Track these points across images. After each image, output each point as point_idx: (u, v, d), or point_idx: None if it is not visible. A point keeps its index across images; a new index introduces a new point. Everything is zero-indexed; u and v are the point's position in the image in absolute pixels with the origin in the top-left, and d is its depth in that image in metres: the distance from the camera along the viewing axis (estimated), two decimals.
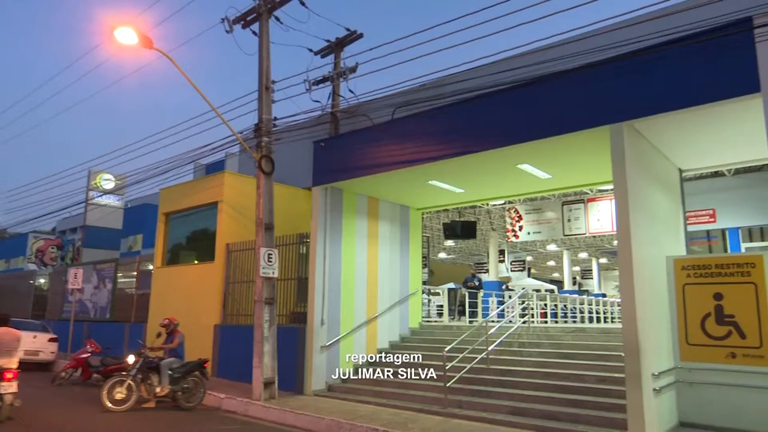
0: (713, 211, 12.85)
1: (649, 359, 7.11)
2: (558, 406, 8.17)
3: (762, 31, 6.30)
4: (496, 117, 8.85)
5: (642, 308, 7.13)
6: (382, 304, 12.31)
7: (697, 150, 8.78)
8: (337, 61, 13.02)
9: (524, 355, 10.40)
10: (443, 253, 36.10)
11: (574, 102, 7.99)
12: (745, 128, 7.46)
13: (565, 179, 10.69)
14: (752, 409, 7.31)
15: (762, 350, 7.33)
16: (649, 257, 7.69)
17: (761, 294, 7.40)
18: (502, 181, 10.90)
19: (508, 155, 9.04)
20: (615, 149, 7.42)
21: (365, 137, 10.64)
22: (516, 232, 19.59)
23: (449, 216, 24.08)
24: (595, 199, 17.15)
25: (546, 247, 31.63)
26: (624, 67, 7.44)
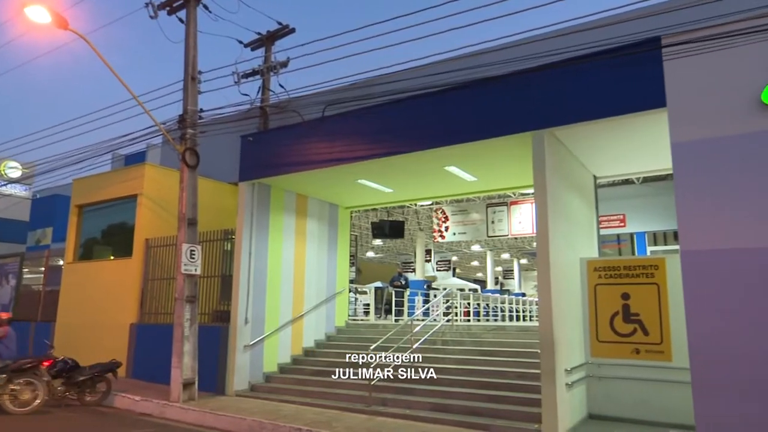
0: (623, 216, 13.73)
1: (563, 355, 7.49)
2: (479, 402, 8.44)
3: (669, 50, 6.79)
4: (425, 119, 9.01)
5: (557, 307, 7.49)
6: (308, 302, 12.21)
7: (610, 158, 9.34)
8: (268, 55, 12.77)
9: (447, 352, 10.65)
10: (371, 252, 36.30)
11: (500, 108, 8.28)
12: (653, 140, 8.02)
13: (490, 182, 11.05)
14: (654, 401, 7.88)
15: (662, 346, 7.91)
16: (565, 259, 8.10)
17: (663, 294, 8.00)
18: (430, 182, 11.11)
19: (436, 157, 9.22)
20: (536, 155, 7.75)
21: (295, 134, 10.51)
22: (442, 233, 20.03)
23: (378, 215, 24.25)
24: (517, 202, 17.84)
25: (471, 247, 32.55)
26: (546, 77, 7.79)
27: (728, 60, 6.48)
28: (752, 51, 6.34)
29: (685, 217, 6.58)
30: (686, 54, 6.64)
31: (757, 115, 6.29)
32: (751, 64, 6.37)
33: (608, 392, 8.27)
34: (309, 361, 11.56)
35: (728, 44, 6.34)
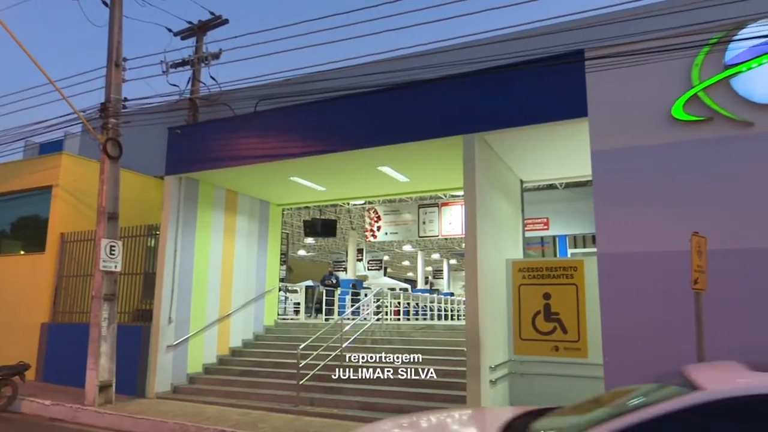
0: (547, 219, 14.34)
1: (488, 353, 7.73)
2: (406, 400, 8.55)
3: (591, 63, 7.16)
4: (360, 118, 9.03)
5: (483, 306, 7.73)
6: (236, 301, 11.92)
7: (536, 164, 9.73)
8: (199, 45, 12.36)
9: (377, 351, 10.68)
10: (303, 251, 35.92)
11: (433, 110, 8.43)
12: (576, 147, 8.42)
13: (422, 183, 11.23)
14: (570, 396, 8.27)
15: (579, 344, 8.34)
16: (491, 259, 8.36)
17: (581, 294, 8.42)
18: (363, 181, 11.14)
19: (370, 157, 9.26)
20: (467, 158, 7.96)
21: (226, 127, 10.23)
22: (374, 232, 20.13)
23: (310, 213, 24.03)
24: (448, 204, 18.22)
25: (402, 247, 32.91)
26: (478, 83, 8.02)
27: (644, 75, 6.93)
28: (665, 68, 6.80)
29: (602, 221, 6.96)
30: (607, 67, 7.03)
31: (667, 129, 6.77)
32: (664, 80, 6.84)
33: (529, 388, 8.62)
34: (236, 361, 11.29)
35: (645, 61, 6.77)
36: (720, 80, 6.56)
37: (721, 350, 5.92)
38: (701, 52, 6.66)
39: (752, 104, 6.39)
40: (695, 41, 6.60)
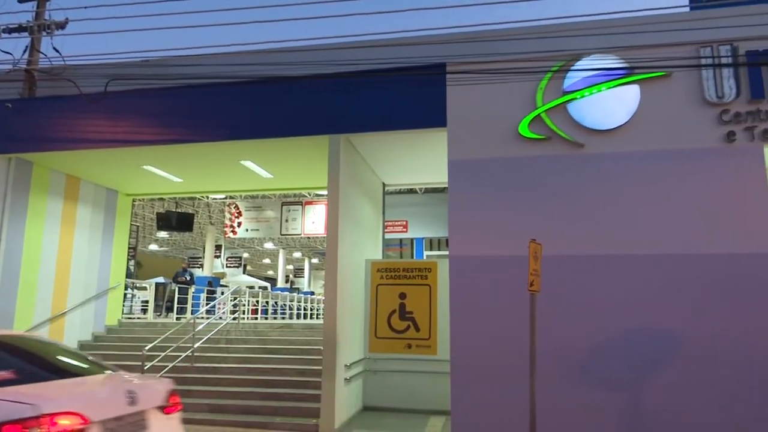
0: (406, 222, 14.93)
1: (344, 352, 7.85)
2: (259, 400, 8.37)
3: (452, 76, 7.61)
4: (223, 109, 8.67)
5: (342, 305, 7.83)
6: (74, 298, 10.79)
7: (398, 168, 10.09)
8: (41, 11, 11.00)
9: (231, 351, 10.37)
10: (155, 245, 33.60)
11: (300, 108, 8.37)
12: (434, 155, 8.88)
13: (286, 180, 11.08)
14: (420, 391, 8.71)
15: (430, 341, 8.80)
16: (352, 259, 8.50)
17: (434, 294, 8.90)
18: (224, 175, 10.72)
19: (232, 150, 8.95)
20: (331, 158, 8.02)
21: (69, 106, 9.22)
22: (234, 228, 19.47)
23: (165, 205, 22.56)
24: (311, 203, 18.20)
25: (263, 244, 32.22)
26: (346, 85, 8.11)
27: (498, 93, 7.51)
28: (516, 88, 7.45)
29: (454, 225, 7.42)
30: (466, 83, 7.52)
31: (515, 144, 7.41)
32: (514, 99, 7.48)
33: (382, 385, 8.90)
34: None
35: (499, 80, 7.34)
36: (559, 104, 7.34)
37: (557, 344, 6.63)
38: (545, 77, 7.39)
39: (584, 128, 7.23)
40: (541, 67, 7.31)
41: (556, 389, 6.65)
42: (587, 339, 6.78)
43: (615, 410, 6.56)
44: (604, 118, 7.19)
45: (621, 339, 6.70)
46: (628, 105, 7.16)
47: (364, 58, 7.94)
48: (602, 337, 6.75)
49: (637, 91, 7.17)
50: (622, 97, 7.19)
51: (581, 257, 6.98)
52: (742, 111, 6.85)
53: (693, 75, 7.07)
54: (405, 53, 7.86)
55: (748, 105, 6.86)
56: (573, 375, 6.73)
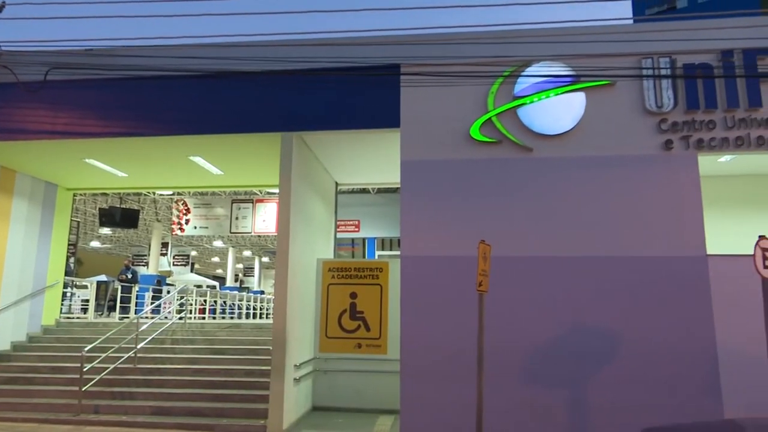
0: (358, 222, 14.93)
1: (294, 352, 7.77)
2: (205, 402, 8.19)
3: (406, 78, 7.66)
4: (172, 102, 8.43)
5: (292, 305, 7.75)
6: (7, 297, 10.23)
7: (351, 168, 10.08)
8: None
9: (176, 352, 10.10)
10: (97, 242, 32.31)
11: (252, 104, 8.23)
12: (387, 156, 8.92)
13: (237, 177, 10.88)
14: (371, 391, 8.73)
15: (380, 341, 8.83)
16: (303, 258, 8.43)
17: (384, 294, 8.94)
18: (172, 170, 10.42)
19: (181, 145, 8.72)
20: (284, 156, 7.93)
21: (5, 95, 8.74)
22: (182, 226, 18.93)
23: (109, 201, 21.72)
24: (263, 201, 17.93)
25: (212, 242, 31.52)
26: (300, 82, 8.04)
27: (450, 96, 7.62)
28: (468, 92, 7.57)
29: (406, 226, 7.48)
30: (420, 84, 7.59)
31: (466, 146, 7.53)
32: (466, 102, 7.61)
33: (332, 385, 8.87)
34: (1, 366, 9.69)
35: (451, 83, 7.45)
36: (509, 109, 7.51)
37: (504, 343, 6.78)
38: (496, 81, 7.55)
39: (532, 133, 7.43)
40: (493, 71, 7.46)
41: (502, 387, 6.81)
42: (533, 338, 6.98)
43: (559, 406, 6.78)
44: (552, 124, 7.41)
45: (565, 338, 6.93)
46: (575, 111, 7.40)
47: (319, 56, 7.89)
48: (547, 336, 6.96)
49: (583, 99, 7.42)
50: (569, 104, 7.44)
51: (528, 258, 7.17)
52: (679, 120, 7.20)
53: (635, 85, 7.38)
54: (360, 53, 7.86)
55: (685, 115, 7.22)
56: (519, 373, 6.91)
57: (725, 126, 7.13)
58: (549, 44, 7.53)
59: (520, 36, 7.69)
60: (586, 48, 7.41)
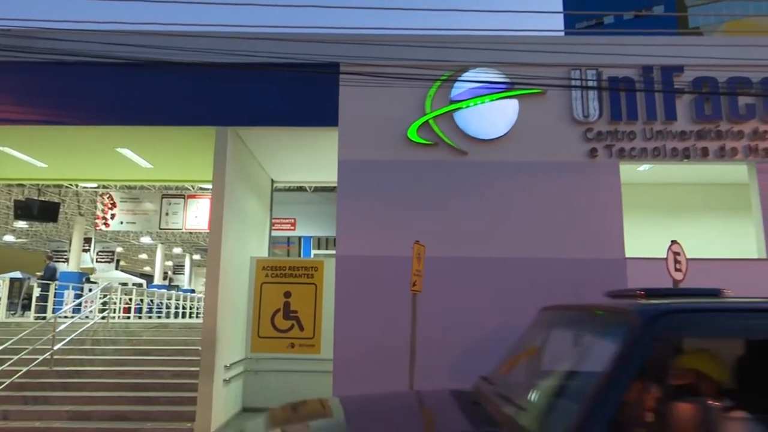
0: (294, 220, 14.77)
1: (224, 352, 7.59)
2: (128, 405, 7.84)
3: (345, 77, 7.66)
4: (98, 90, 8.02)
5: (224, 304, 7.56)
6: None
7: (288, 165, 9.95)
8: None
9: (98, 353, 9.61)
10: (11, 236, 30.21)
11: (186, 96, 7.97)
12: (325, 154, 8.87)
13: (168, 172, 10.49)
14: (303, 390, 8.64)
15: (314, 340, 8.77)
16: (236, 256, 8.24)
17: (319, 293, 8.88)
18: (97, 162, 9.91)
19: (107, 136, 8.31)
20: (218, 151, 7.72)
21: None
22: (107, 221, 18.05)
23: (25, 192, 20.35)
24: (195, 196, 17.38)
25: (140, 239, 30.23)
26: (237, 76, 7.85)
27: (389, 97, 7.69)
28: (406, 93, 7.67)
29: (343, 225, 7.47)
30: (359, 84, 7.60)
31: (404, 148, 7.62)
32: (404, 104, 7.70)
33: (263, 385, 8.72)
34: None
35: (390, 84, 7.51)
36: (446, 112, 7.67)
37: (436, 343, 6.90)
38: (434, 85, 7.69)
39: (467, 137, 7.62)
40: (431, 75, 7.59)
41: (434, 386, 6.94)
42: (463, 337, 7.15)
43: None
44: (487, 129, 7.62)
45: (494, 337, 7.15)
46: (508, 117, 7.65)
47: (257, 51, 7.74)
48: (477, 334, 7.15)
49: (516, 106, 7.69)
50: (503, 110, 7.68)
51: (460, 259, 7.34)
52: (603, 130, 7.60)
53: (564, 94, 7.73)
54: (299, 49, 7.78)
55: (608, 125, 7.63)
56: (450, 371, 7.06)
57: (644, 137, 7.60)
58: (485, 51, 7.75)
59: (458, 42, 7.87)
60: (520, 57, 7.68)
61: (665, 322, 1.98)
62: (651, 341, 1.95)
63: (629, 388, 1.90)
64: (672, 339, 2.05)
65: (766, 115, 7.65)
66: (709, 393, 2.33)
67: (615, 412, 1.86)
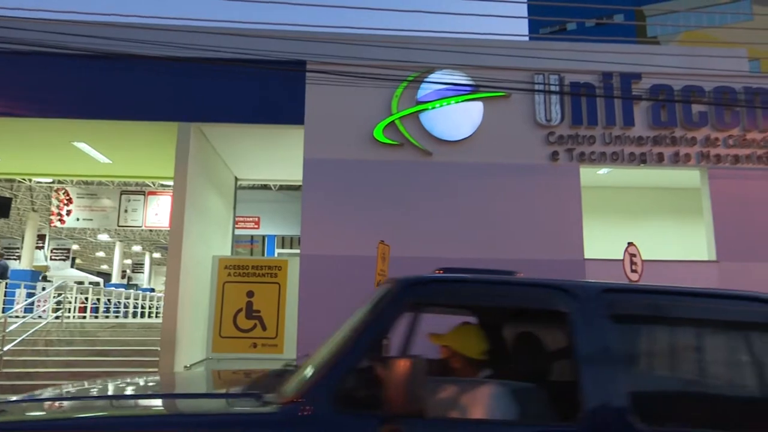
0: (258, 218, 14.60)
1: (184, 352, 7.44)
2: None
3: (312, 75, 7.61)
4: (55, 83, 7.75)
5: (184, 304, 7.42)
6: None
7: (252, 163, 9.83)
8: None
9: (51, 354, 9.28)
10: None
11: (147, 90, 7.78)
12: (290, 153, 8.80)
13: (127, 167, 10.23)
14: None
15: (277, 340, 8.68)
16: (197, 255, 8.10)
17: (283, 292, 8.80)
18: (53, 156, 9.59)
19: (63, 129, 8.04)
20: (180, 147, 7.57)
21: None
22: (63, 217, 17.46)
23: None
24: (155, 193, 16.98)
25: (97, 236, 29.35)
26: (201, 71, 7.72)
27: (356, 96, 7.68)
28: (373, 94, 7.67)
29: (307, 224, 7.43)
30: (326, 83, 7.57)
31: (370, 147, 7.63)
32: (371, 104, 7.70)
33: None
34: None
35: (357, 83, 7.51)
36: (412, 113, 7.71)
37: None
38: (401, 85, 7.72)
39: (433, 137, 7.68)
40: (398, 75, 7.62)
41: None
42: None
43: None
44: (452, 130, 7.70)
45: None
46: (473, 120, 7.75)
47: (223, 46, 7.62)
48: None
49: (481, 108, 7.79)
50: (468, 112, 7.77)
51: (424, 259, 7.39)
52: (564, 134, 7.78)
53: (527, 98, 7.87)
54: (265, 46, 7.70)
55: (570, 129, 7.81)
56: None
57: (604, 141, 7.81)
58: (452, 53, 7.83)
59: (425, 43, 7.92)
60: (485, 60, 7.79)
61: (418, 289, 2.17)
62: (400, 306, 2.13)
63: (373, 345, 2.06)
64: (420, 303, 2.27)
65: (718, 123, 7.97)
66: (461, 365, 2.50)
67: (356, 364, 2.02)
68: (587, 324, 2.09)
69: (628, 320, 2.14)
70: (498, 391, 2.06)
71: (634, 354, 2.10)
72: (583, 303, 2.13)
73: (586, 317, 2.10)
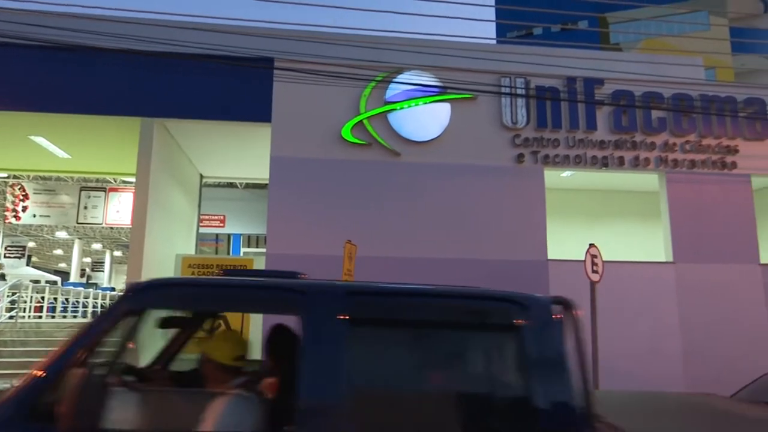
0: (224, 217, 14.38)
1: None
2: None
3: (279, 72, 7.54)
4: (10, 75, 7.48)
5: None
6: None
7: (218, 160, 9.69)
8: None
9: (5, 355, 8.95)
10: None
11: (109, 84, 7.58)
12: (257, 150, 8.70)
13: (87, 163, 9.95)
14: None
15: None
16: (160, 253, 7.93)
17: None
18: (8, 150, 9.25)
19: (19, 122, 7.77)
20: (143, 143, 7.41)
21: None
22: (18, 213, 16.85)
23: None
24: (117, 190, 16.55)
25: (55, 233, 28.43)
26: (165, 66, 7.55)
27: (324, 95, 7.65)
28: (341, 93, 7.65)
29: (273, 223, 7.36)
30: (294, 81, 7.51)
31: (337, 147, 7.61)
32: (339, 103, 7.68)
33: None
34: None
35: (325, 82, 7.47)
36: (380, 113, 7.73)
37: None
38: (369, 85, 7.73)
39: (401, 138, 7.71)
40: (366, 75, 7.62)
41: None
42: None
43: None
44: (420, 131, 7.75)
45: None
46: (441, 121, 7.82)
47: (187, 41, 7.47)
48: None
49: (448, 109, 7.86)
50: (435, 113, 7.83)
51: (391, 259, 7.41)
52: (530, 137, 7.92)
53: (494, 101, 7.98)
54: (232, 41, 7.58)
55: (535, 132, 7.96)
56: None
57: (567, 145, 7.98)
58: (420, 54, 7.87)
59: (394, 43, 7.95)
60: (453, 62, 7.86)
61: (142, 294, 2.16)
62: (116, 314, 2.13)
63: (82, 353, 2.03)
64: (145, 308, 2.26)
65: (675, 129, 8.24)
66: (212, 371, 2.46)
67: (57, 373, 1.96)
68: (313, 325, 2.04)
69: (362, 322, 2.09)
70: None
71: (358, 355, 2.04)
72: (317, 304, 2.10)
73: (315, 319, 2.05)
